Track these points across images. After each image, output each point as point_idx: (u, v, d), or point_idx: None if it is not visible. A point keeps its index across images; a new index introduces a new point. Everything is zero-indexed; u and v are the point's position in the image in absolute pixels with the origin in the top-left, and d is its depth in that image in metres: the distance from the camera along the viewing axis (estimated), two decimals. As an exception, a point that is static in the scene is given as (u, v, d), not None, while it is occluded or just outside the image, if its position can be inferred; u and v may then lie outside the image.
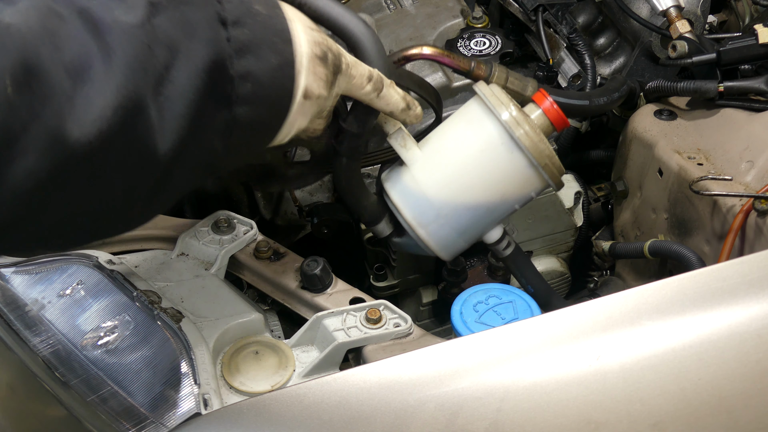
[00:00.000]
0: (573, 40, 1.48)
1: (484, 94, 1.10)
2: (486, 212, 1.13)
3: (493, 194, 1.11)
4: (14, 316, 1.11)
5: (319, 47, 0.92)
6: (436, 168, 1.12)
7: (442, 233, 1.12)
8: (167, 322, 1.05)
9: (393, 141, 1.12)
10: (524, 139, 1.07)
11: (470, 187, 1.11)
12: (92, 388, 1.01)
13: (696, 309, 0.91)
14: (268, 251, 1.17)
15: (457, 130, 1.13)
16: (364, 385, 0.89)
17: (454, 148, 1.12)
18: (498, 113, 1.08)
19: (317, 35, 0.93)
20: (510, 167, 1.10)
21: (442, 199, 1.11)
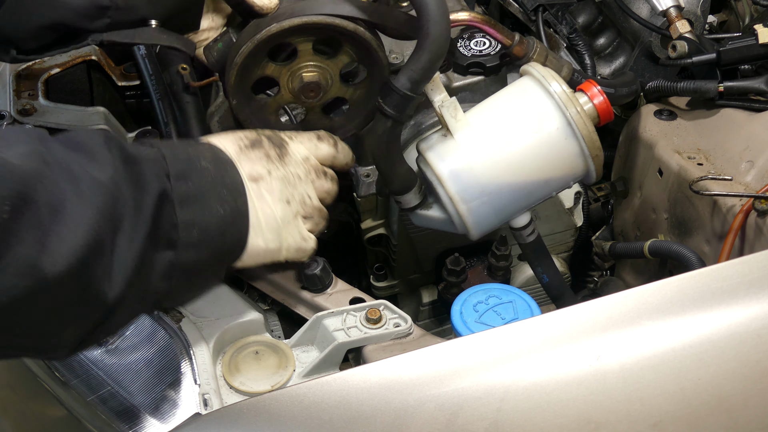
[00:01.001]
0: (573, 40, 1.48)
1: (547, 78, 1.10)
2: (527, 195, 1.13)
3: (539, 178, 1.12)
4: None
5: (245, 139, 1.04)
6: (487, 144, 1.10)
7: (482, 211, 1.11)
8: (167, 322, 1.05)
9: (444, 110, 1.10)
10: (582, 128, 1.08)
11: (519, 168, 1.11)
12: (92, 388, 1.01)
13: (696, 309, 0.91)
14: (268, 251, 1.17)
15: (513, 109, 1.12)
16: (364, 385, 0.89)
17: (508, 127, 1.11)
18: (563, 101, 1.09)
19: (242, 133, 1.05)
20: (562, 153, 1.11)
21: (490, 177, 1.10)
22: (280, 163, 1.04)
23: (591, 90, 1.14)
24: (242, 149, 1.03)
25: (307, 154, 1.08)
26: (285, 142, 1.07)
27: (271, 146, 1.05)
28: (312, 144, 1.10)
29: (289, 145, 1.07)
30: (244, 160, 1.02)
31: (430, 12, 0.99)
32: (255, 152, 1.03)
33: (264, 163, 1.03)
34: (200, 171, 0.95)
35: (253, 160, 1.02)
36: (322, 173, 1.10)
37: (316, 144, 1.10)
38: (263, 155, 1.03)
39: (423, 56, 1.01)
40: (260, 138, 1.05)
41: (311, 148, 1.10)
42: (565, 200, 1.47)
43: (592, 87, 1.14)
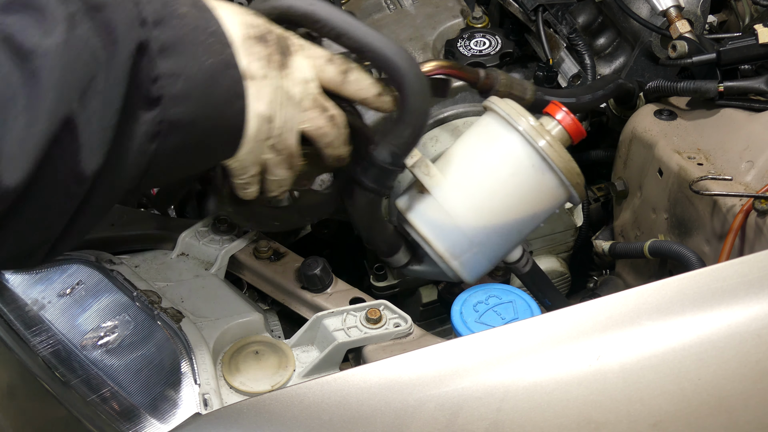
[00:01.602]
0: (573, 40, 1.48)
1: (510, 114, 1.07)
2: (516, 233, 1.12)
3: (524, 215, 1.10)
4: (14, 316, 1.11)
5: (254, 29, 0.89)
6: (464, 195, 1.08)
7: (474, 260, 1.10)
8: (167, 322, 1.05)
9: (416, 170, 1.07)
10: (557, 160, 1.06)
11: (502, 211, 1.08)
12: (92, 388, 1.01)
13: (696, 309, 0.91)
14: (268, 251, 1.17)
15: (483, 153, 1.09)
16: (364, 385, 0.89)
17: (483, 173, 1.08)
18: (530, 135, 1.06)
19: (252, 19, 0.90)
20: (542, 188, 1.08)
21: (474, 227, 1.08)
22: (279, 72, 0.91)
23: (557, 113, 1.11)
24: (248, 38, 0.89)
25: (309, 77, 0.94)
26: (291, 51, 0.93)
27: (276, 49, 0.91)
28: (320, 63, 0.95)
29: (293, 57, 0.93)
30: (245, 51, 0.88)
31: (411, 86, 0.96)
32: (258, 48, 0.90)
33: (263, 64, 0.90)
34: (180, 16, 0.83)
35: (253, 56, 0.89)
36: (319, 105, 0.95)
37: (324, 65, 0.95)
38: (265, 56, 0.90)
39: (406, 131, 0.98)
40: (269, 35, 0.91)
41: (318, 67, 0.95)
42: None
43: (557, 109, 1.11)
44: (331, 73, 0.96)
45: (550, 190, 1.09)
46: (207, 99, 0.83)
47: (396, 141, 0.99)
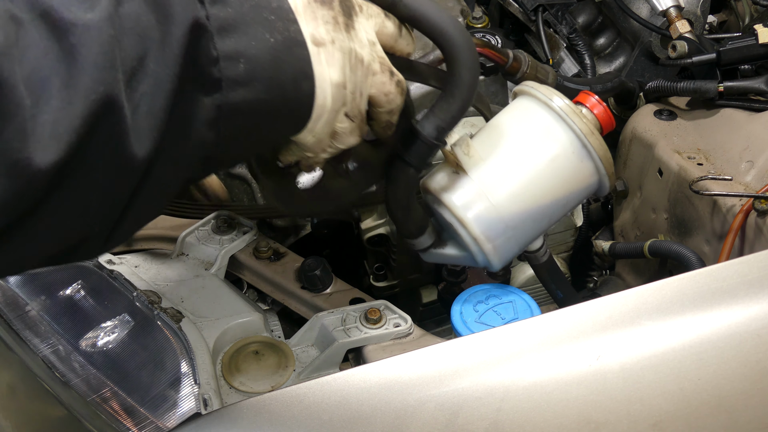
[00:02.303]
0: (573, 40, 1.48)
1: (552, 99, 1.06)
2: (548, 219, 1.11)
3: (558, 201, 1.08)
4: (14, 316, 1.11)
5: None
6: (503, 178, 1.06)
7: (507, 245, 1.08)
8: (167, 322, 1.05)
9: (457, 148, 1.04)
10: (598, 148, 1.06)
11: (539, 196, 1.07)
12: (92, 388, 1.01)
13: (696, 309, 0.91)
14: (268, 251, 1.17)
15: (524, 137, 1.08)
16: (364, 385, 0.89)
17: (523, 157, 1.07)
18: (573, 121, 1.05)
19: None
20: (579, 174, 1.08)
21: (512, 211, 1.06)
22: (347, 34, 0.86)
23: (589, 100, 1.11)
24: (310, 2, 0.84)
25: (373, 38, 0.89)
26: (355, 11, 0.88)
27: (341, 10, 0.86)
28: (381, 20, 0.91)
29: (357, 18, 0.88)
30: (309, 15, 0.83)
31: (463, 58, 0.91)
32: (323, 11, 0.84)
33: (330, 27, 0.84)
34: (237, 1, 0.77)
35: (319, 20, 0.83)
36: (388, 69, 0.90)
37: (384, 23, 0.91)
38: (331, 18, 0.84)
39: (454, 104, 0.94)
40: None
41: (379, 25, 0.90)
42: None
43: (589, 97, 1.11)
44: (390, 30, 0.92)
45: (586, 178, 1.08)
46: (272, 81, 0.78)
47: (443, 115, 0.94)
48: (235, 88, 0.76)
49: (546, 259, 1.18)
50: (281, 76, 0.79)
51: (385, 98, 0.90)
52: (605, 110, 1.11)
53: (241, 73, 0.76)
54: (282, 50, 0.78)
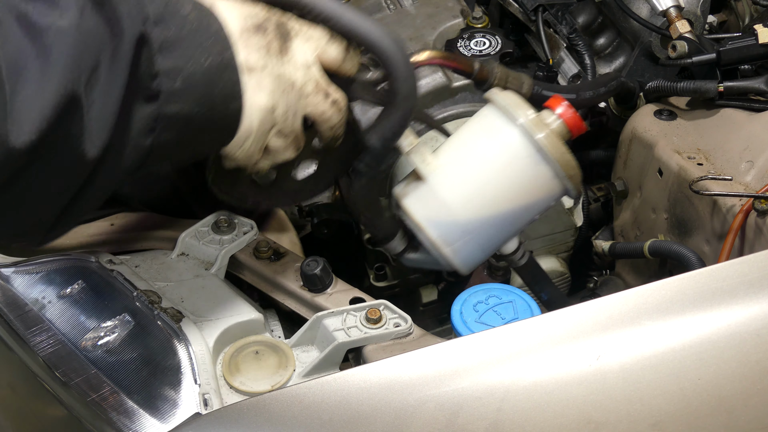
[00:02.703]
0: (573, 40, 1.48)
1: (509, 105, 1.07)
2: (510, 225, 1.12)
3: (518, 206, 1.09)
4: (14, 316, 1.11)
5: (251, 19, 0.92)
6: (459, 183, 1.08)
7: (467, 249, 1.10)
8: (167, 322, 1.05)
9: (413, 155, 1.08)
10: (553, 152, 1.06)
11: (496, 201, 1.08)
12: (92, 388, 1.01)
13: (696, 309, 0.92)
14: (268, 251, 1.17)
15: (479, 142, 1.10)
16: (364, 385, 0.89)
17: (478, 162, 1.09)
18: (528, 126, 1.06)
19: (249, 9, 0.93)
20: (536, 179, 1.08)
21: (468, 216, 1.08)
22: (279, 59, 0.94)
23: (558, 106, 1.11)
24: (245, 30, 0.92)
25: (310, 60, 0.96)
26: (291, 36, 0.95)
27: (275, 35, 0.94)
28: (320, 45, 0.97)
29: (293, 42, 0.95)
30: (243, 43, 0.91)
31: (399, 70, 0.98)
32: (257, 38, 0.92)
33: (263, 53, 0.92)
34: (182, 18, 0.86)
35: (252, 48, 0.92)
36: (322, 90, 0.97)
37: (325, 46, 0.97)
38: (264, 45, 0.93)
39: (394, 115, 1.00)
40: (267, 23, 0.94)
41: (319, 48, 0.97)
42: (565, 200, 1.47)
43: (558, 103, 1.11)
44: (332, 53, 0.97)
45: (545, 182, 1.08)
46: (204, 98, 0.86)
47: (386, 124, 1.01)
48: (171, 101, 0.84)
49: (525, 261, 1.19)
50: (213, 95, 0.87)
51: (321, 117, 0.98)
52: (573, 115, 1.10)
53: (177, 88, 0.84)
54: (215, 72, 0.87)
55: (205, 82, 0.86)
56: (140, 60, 0.82)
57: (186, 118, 0.86)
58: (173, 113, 0.85)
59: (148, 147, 0.85)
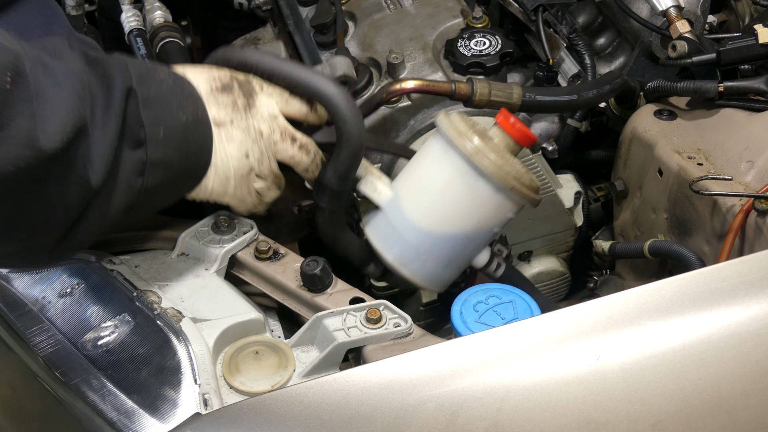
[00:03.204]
0: (573, 40, 1.48)
1: (443, 126, 1.11)
2: (465, 241, 1.14)
3: (468, 223, 1.12)
4: (15, 316, 1.11)
5: (218, 81, 1.06)
6: (407, 206, 1.13)
7: (426, 269, 1.14)
8: (167, 322, 1.05)
9: (363, 187, 1.16)
10: (487, 166, 1.08)
11: (443, 220, 1.12)
12: (92, 388, 1.01)
13: (696, 309, 0.92)
14: (268, 251, 1.17)
15: (423, 166, 1.15)
16: (364, 385, 0.89)
17: (422, 184, 1.14)
18: (457, 144, 1.09)
19: (215, 72, 1.06)
20: (478, 194, 1.11)
21: (419, 236, 1.13)
22: (245, 114, 1.06)
23: (502, 120, 1.13)
24: (213, 90, 1.05)
25: (275, 112, 1.08)
26: (255, 92, 1.08)
27: (240, 94, 1.06)
28: (283, 99, 1.09)
29: (257, 97, 1.08)
30: (212, 102, 1.05)
31: (342, 113, 1.07)
32: (224, 97, 1.06)
33: (230, 110, 1.05)
34: (159, 81, 0.99)
35: (220, 105, 1.05)
36: (288, 137, 1.09)
37: (287, 99, 1.10)
38: (231, 102, 1.05)
39: (343, 153, 1.09)
40: (232, 83, 1.07)
41: (281, 103, 1.09)
42: (565, 200, 1.47)
43: (501, 116, 1.13)
44: (294, 106, 1.10)
45: (489, 196, 1.11)
46: (182, 148, 0.99)
47: (337, 163, 1.10)
48: (156, 148, 0.96)
49: (501, 273, 1.21)
50: (189, 145, 1.00)
51: (292, 161, 1.10)
52: (516, 126, 1.12)
53: (160, 137, 0.97)
54: (191, 126, 1.00)
55: (183, 134, 0.99)
56: (128, 109, 0.93)
57: (168, 164, 0.98)
58: (158, 159, 0.97)
59: (139, 188, 0.96)
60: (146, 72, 0.98)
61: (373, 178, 1.15)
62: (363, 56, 1.47)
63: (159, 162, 0.97)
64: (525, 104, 1.27)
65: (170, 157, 0.98)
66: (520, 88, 1.27)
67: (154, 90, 0.97)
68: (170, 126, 0.97)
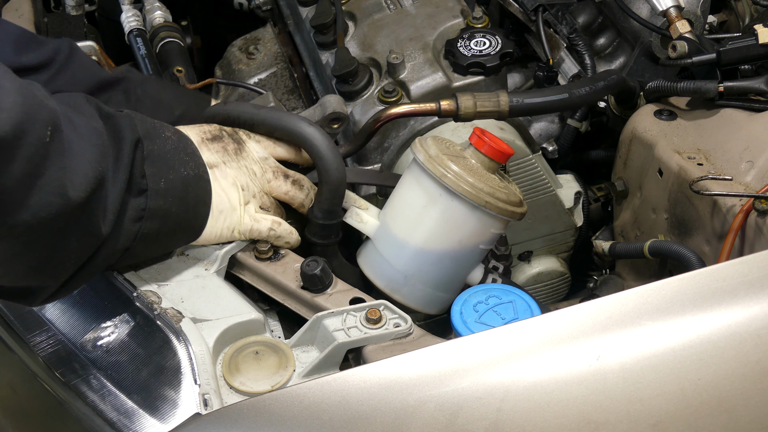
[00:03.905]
0: (573, 40, 1.48)
1: (415, 152, 1.15)
2: (451, 261, 1.17)
3: (449, 243, 1.15)
4: (15, 316, 1.11)
5: (208, 132, 1.14)
6: (391, 233, 1.17)
7: (417, 292, 1.16)
8: (167, 322, 1.05)
9: (349, 219, 1.20)
10: (458, 186, 1.11)
11: (425, 242, 1.15)
12: (92, 388, 1.01)
13: (696, 309, 0.92)
14: (268, 251, 1.17)
15: (402, 193, 1.18)
16: (364, 385, 0.89)
17: (403, 211, 1.17)
18: (429, 168, 1.12)
19: (206, 127, 1.15)
20: (454, 215, 1.13)
21: (405, 261, 1.16)
22: (236, 157, 1.13)
23: (475, 139, 1.15)
24: (204, 140, 1.12)
25: (265, 155, 1.16)
26: (243, 140, 1.16)
27: (230, 141, 1.14)
28: (270, 143, 1.17)
29: (246, 143, 1.16)
30: (204, 149, 1.11)
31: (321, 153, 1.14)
32: (215, 144, 1.13)
33: (221, 154, 1.12)
34: (164, 138, 1.05)
35: (212, 150, 1.12)
36: (281, 174, 1.16)
37: (274, 143, 1.18)
38: (221, 148, 1.13)
39: (325, 190, 1.15)
40: (221, 133, 1.15)
41: (269, 147, 1.17)
42: (565, 200, 1.47)
43: (477, 136, 1.15)
44: (282, 148, 1.18)
45: (464, 215, 1.13)
46: (181, 199, 1.04)
47: (321, 200, 1.16)
48: (157, 197, 1.01)
49: None
50: (188, 198, 1.06)
51: (287, 196, 1.17)
52: (493, 146, 1.14)
53: (161, 188, 1.02)
54: (192, 180, 1.06)
55: (183, 186, 1.04)
56: (135, 161, 1.00)
57: (166, 213, 1.03)
58: (157, 207, 1.01)
59: (135, 232, 1.00)
60: (152, 128, 1.05)
61: (359, 210, 1.20)
62: (363, 56, 1.47)
63: (158, 210, 1.02)
64: (514, 109, 1.28)
65: (169, 206, 1.03)
66: (506, 94, 1.27)
67: (159, 145, 1.04)
68: (171, 179, 1.03)
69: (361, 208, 1.21)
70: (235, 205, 1.11)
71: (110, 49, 1.60)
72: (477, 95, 1.27)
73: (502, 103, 1.27)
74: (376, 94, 1.42)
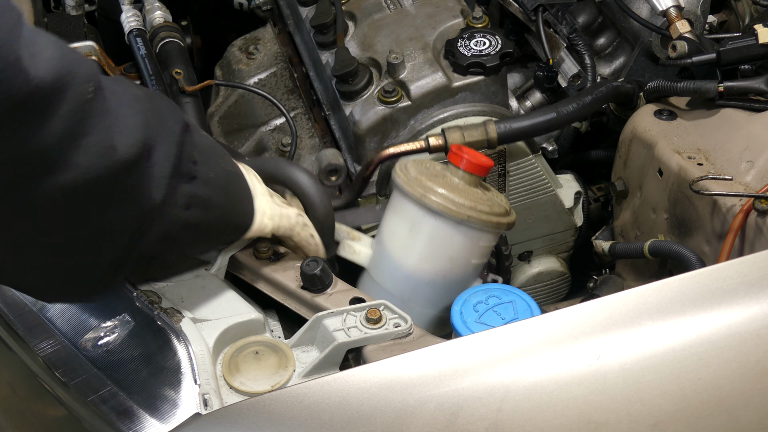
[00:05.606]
0: (573, 40, 1.48)
1: (394, 177, 1.18)
2: (444, 280, 1.17)
3: (439, 262, 1.16)
4: (15, 316, 1.11)
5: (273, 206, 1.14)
6: (384, 260, 1.20)
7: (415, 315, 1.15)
8: (167, 322, 1.05)
9: (342, 252, 1.23)
10: (437, 204, 1.13)
11: (416, 264, 1.17)
12: (92, 388, 1.01)
13: (696, 309, 0.92)
14: (268, 251, 1.17)
15: (389, 219, 1.20)
16: (364, 385, 0.89)
17: (391, 236, 1.19)
18: (408, 191, 1.14)
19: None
20: (439, 233, 1.15)
21: (400, 286, 1.18)
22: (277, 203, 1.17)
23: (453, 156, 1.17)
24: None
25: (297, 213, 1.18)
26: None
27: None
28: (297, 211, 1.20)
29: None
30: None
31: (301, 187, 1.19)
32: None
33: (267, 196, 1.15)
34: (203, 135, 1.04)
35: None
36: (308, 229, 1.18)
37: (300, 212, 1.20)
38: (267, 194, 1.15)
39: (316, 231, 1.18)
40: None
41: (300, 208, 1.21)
42: (565, 200, 1.47)
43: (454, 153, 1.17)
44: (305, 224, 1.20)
45: (449, 232, 1.14)
46: (227, 191, 1.04)
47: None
48: (205, 185, 0.99)
49: None
50: (233, 190, 1.06)
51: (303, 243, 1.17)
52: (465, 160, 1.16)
53: (210, 176, 1.00)
54: (234, 177, 1.07)
55: (226, 180, 1.04)
56: (185, 143, 0.96)
57: (214, 204, 1.01)
58: (206, 196, 0.99)
59: (183, 219, 0.97)
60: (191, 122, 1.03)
61: (351, 242, 1.23)
62: (363, 56, 1.47)
63: (206, 200, 0.99)
64: (502, 136, 1.31)
65: (217, 198, 1.01)
66: (493, 123, 1.30)
67: (203, 137, 1.03)
68: (217, 169, 1.02)
69: (354, 240, 1.24)
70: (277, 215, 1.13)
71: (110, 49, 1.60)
72: (464, 127, 1.30)
73: (490, 131, 1.29)
74: (376, 94, 1.42)
